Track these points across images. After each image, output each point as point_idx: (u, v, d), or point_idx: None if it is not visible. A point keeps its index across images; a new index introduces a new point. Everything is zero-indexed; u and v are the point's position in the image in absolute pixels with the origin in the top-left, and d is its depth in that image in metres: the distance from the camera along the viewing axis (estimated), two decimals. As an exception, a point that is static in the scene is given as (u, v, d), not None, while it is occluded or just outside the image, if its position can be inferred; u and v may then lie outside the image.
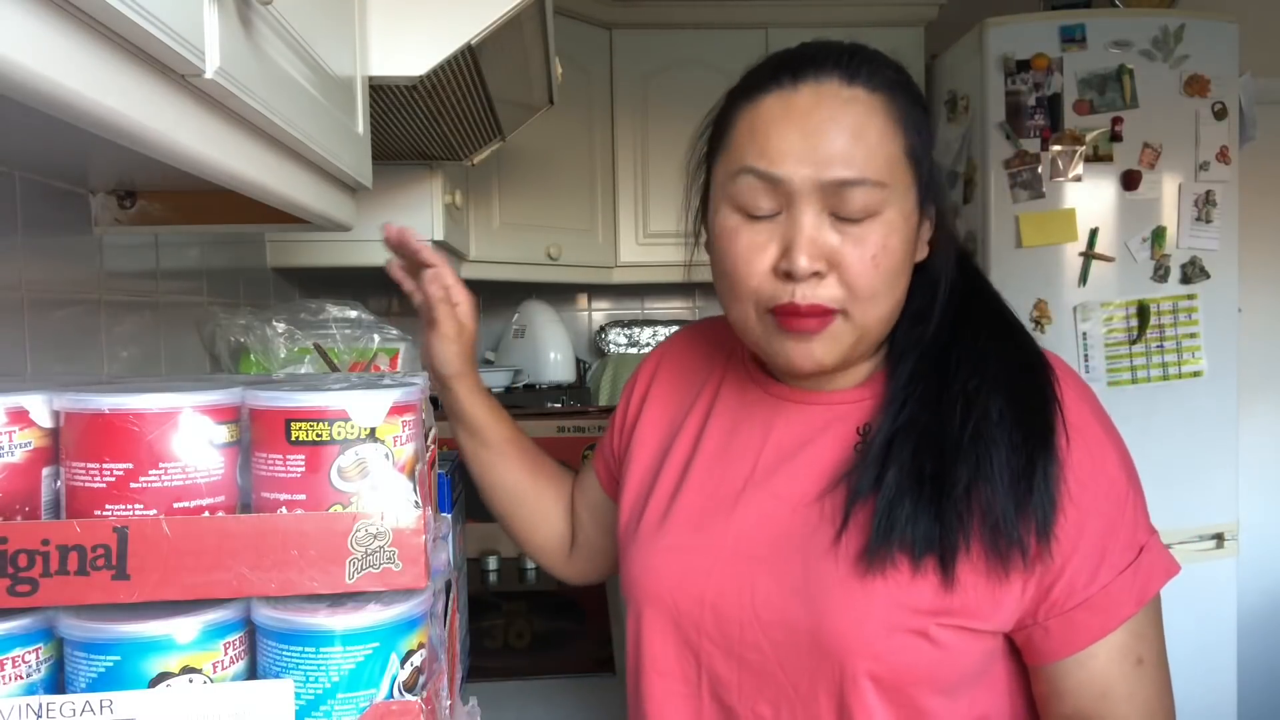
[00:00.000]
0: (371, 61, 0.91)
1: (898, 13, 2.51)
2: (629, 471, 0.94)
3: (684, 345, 1.01)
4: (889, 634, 0.73)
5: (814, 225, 0.74)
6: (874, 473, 0.76)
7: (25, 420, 0.57)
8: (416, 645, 0.60)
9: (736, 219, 0.78)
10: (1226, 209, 2.25)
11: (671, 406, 0.95)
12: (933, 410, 0.77)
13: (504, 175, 2.26)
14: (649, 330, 2.82)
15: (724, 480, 0.86)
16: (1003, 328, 0.83)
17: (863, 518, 0.76)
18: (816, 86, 0.75)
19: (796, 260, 0.73)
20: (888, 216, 0.75)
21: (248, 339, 1.31)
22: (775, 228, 0.76)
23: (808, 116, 0.74)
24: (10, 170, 0.88)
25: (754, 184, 0.75)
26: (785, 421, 0.85)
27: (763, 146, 0.75)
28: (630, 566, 0.88)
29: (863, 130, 0.74)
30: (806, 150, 0.73)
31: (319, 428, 0.58)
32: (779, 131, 0.74)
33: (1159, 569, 0.76)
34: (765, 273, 0.76)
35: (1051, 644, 0.75)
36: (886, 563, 0.73)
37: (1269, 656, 2.86)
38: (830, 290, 0.75)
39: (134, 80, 0.46)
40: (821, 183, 0.73)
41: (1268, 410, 2.90)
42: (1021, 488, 0.72)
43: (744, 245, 0.77)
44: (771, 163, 0.74)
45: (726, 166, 0.78)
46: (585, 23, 2.43)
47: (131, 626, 0.54)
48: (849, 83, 0.75)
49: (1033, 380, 0.78)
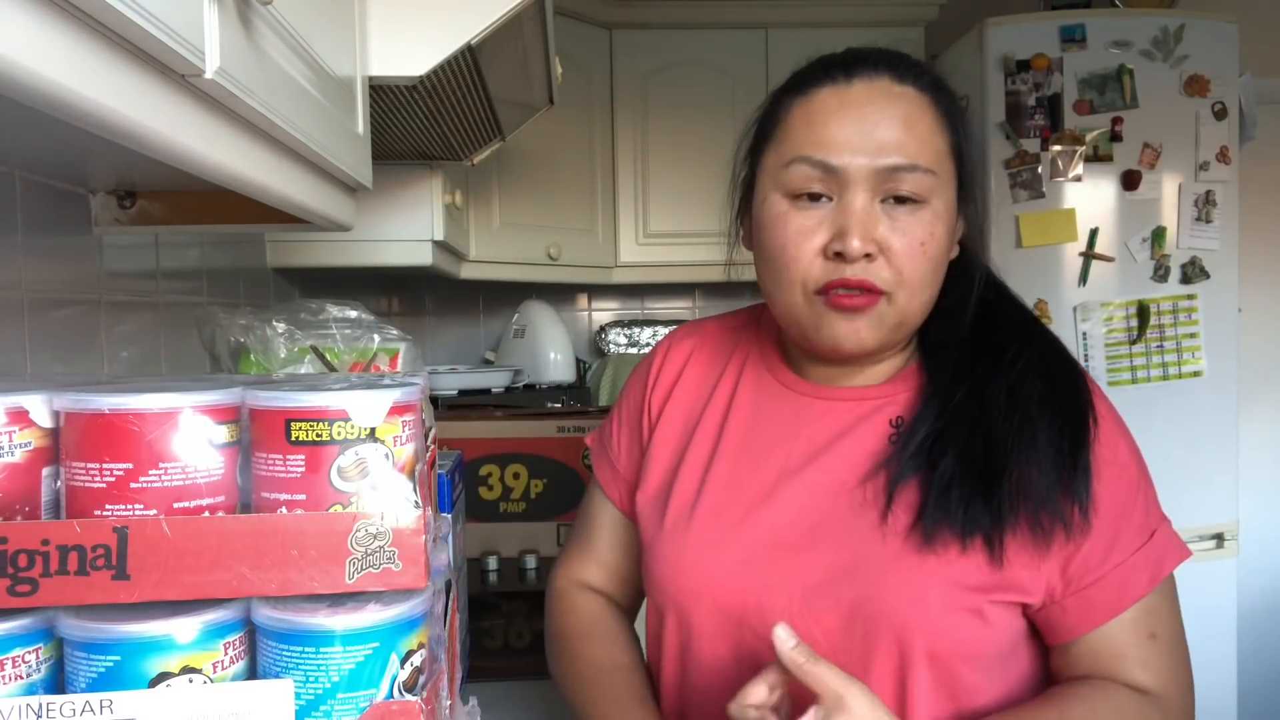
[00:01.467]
0: (371, 61, 0.91)
1: (898, 13, 2.51)
2: (649, 472, 0.94)
3: (703, 341, 0.99)
4: (946, 612, 0.76)
5: (866, 210, 0.77)
6: (920, 460, 0.79)
7: (25, 420, 0.57)
8: (416, 645, 0.60)
9: (786, 204, 0.80)
10: (1226, 209, 2.25)
11: (690, 403, 0.95)
12: (978, 400, 0.80)
13: (504, 175, 2.26)
14: (649, 330, 2.82)
15: (751, 476, 0.86)
16: (1026, 322, 0.86)
17: (907, 500, 0.79)
18: (869, 82, 0.79)
19: (850, 242, 0.76)
20: (934, 206, 0.79)
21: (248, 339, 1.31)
22: (825, 213, 0.79)
23: (862, 107, 0.78)
24: (10, 170, 0.88)
25: (808, 172, 0.78)
26: (815, 416, 0.87)
27: (819, 136, 0.78)
28: (660, 566, 0.88)
29: (915, 121, 0.78)
30: (861, 138, 0.77)
31: (319, 428, 0.58)
32: (836, 121, 0.78)
33: (1171, 551, 0.80)
34: (814, 256, 0.79)
35: (1069, 620, 0.78)
36: (937, 542, 0.76)
37: (1269, 656, 2.86)
38: (880, 272, 0.78)
39: (134, 80, 0.46)
40: (876, 168, 0.77)
41: (1268, 410, 2.91)
42: (1065, 466, 0.76)
43: (794, 229, 0.79)
44: (828, 151, 0.78)
45: (778, 157, 0.81)
46: (585, 23, 2.43)
47: (131, 626, 0.54)
48: (899, 80, 0.79)
49: (1065, 368, 0.82)
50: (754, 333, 0.96)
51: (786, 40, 2.49)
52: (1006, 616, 0.78)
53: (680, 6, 2.48)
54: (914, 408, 0.84)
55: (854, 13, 2.49)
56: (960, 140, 0.82)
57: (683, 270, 2.56)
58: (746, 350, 0.95)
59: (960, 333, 0.84)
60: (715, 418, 0.92)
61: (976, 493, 0.76)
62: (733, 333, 0.98)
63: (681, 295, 2.91)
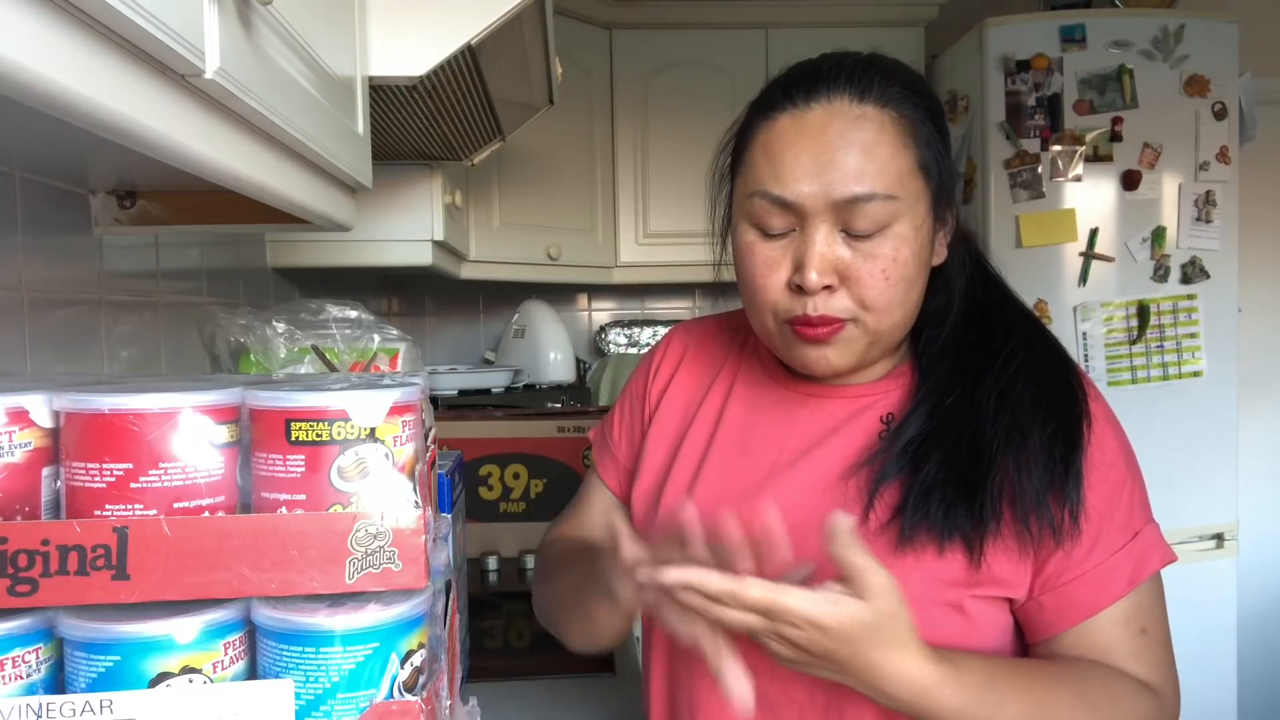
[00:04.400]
0: (371, 61, 0.91)
1: (898, 13, 2.51)
2: (645, 463, 0.95)
3: (701, 338, 1.01)
4: (924, 608, 0.75)
5: (825, 242, 0.78)
6: (905, 460, 0.79)
7: (25, 420, 0.57)
8: (416, 645, 0.60)
9: (753, 235, 0.82)
10: (1226, 209, 2.25)
11: (686, 398, 0.96)
12: (967, 402, 0.80)
13: (504, 175, 2.26)
14: (649, 330, 2.82)
15: (745, 470, 0.87)
16: (1023, 322, 0.86)
17: (888, 499, 0.79)
18: (828, 105, 0.78)
19: (807, 276, 0.77)
20: (898, 229, 0.78)
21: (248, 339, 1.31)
22: (789, 244, 0.80)
23: (818, 136, 0.77)
24: (10, 170, 0.88)
25: (767, 207, 0.79)
26: (809, 413, 0.88)
27: (777, 170, 0.78)
28: None
29: (873, 147, 0.77)
30: (818, 170, 0.77)
31: (319, 428, 0.58)
32: (792, 154, 0.78)
33: (1154, 554, 0.79)
34: (780, 287, 0.81)
35: (1045, 618, 0.79)
36: (915, 543, 0.76)
37: (1269, 656, 2.85)
38: (841, 302, 0.79)
39: (134, 80, 0.46)
40: (833, 200, 0.76)
41: (1268, 410, 2.90)
42: (1056, 470, 0.76)
43: (760, 261, 0.81)
44: (784, 187, 0.78)
45: (744, 187, 0.82)
46: (585, 23, 2.43)
47: (131, 626, 0.54)
48: (859, 100, 0.78)
49: (1059, 370, 0.82)
50: (750, 332, 0.97)
51: (786, 40, 2.49)
52: (989, 611, 0.78)
53: (680, 6, 2.48)
54: (905, 405, 0.84)
55: (854, 13, 2.48)
56: (927, 153, 0.80)
57: (683, 270, 2.56)
58: (743, 349, 0.96)
59: (951, 335, 0.85)
60: (710, 415, 0.93)
61: (959, 497, 0.76)
62: (730, 332, 0.99)
63: (681, 295, 2.91)
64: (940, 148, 0.82)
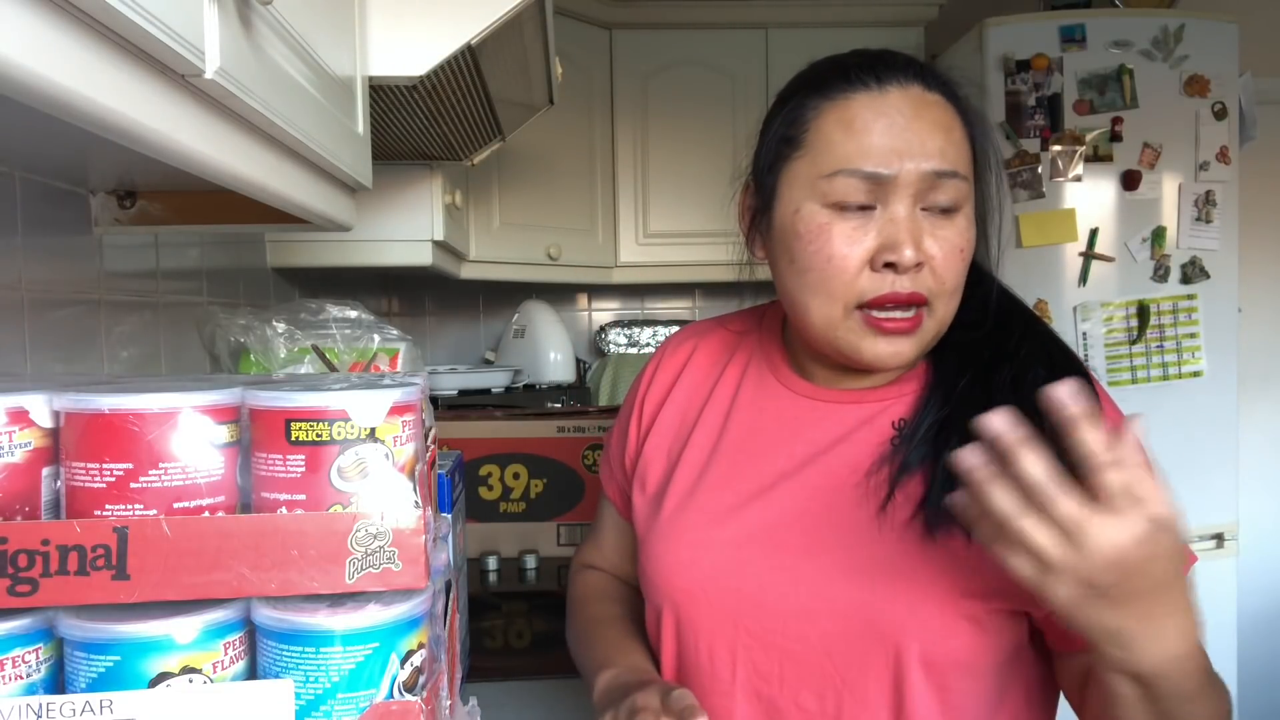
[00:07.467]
0: (371, 61, 0.91)
1: (898, 13, 2.51)
2: (645, 474, 0.94)
3: (700, 345, 0.99)
4: (943, 619, 0.75)
5: (912, 218, 0.77)
6: (925, 449, 0.78)
7: (25, 420, 0.57)
8: (416, 645, 0.60)
9: (827, 215, 0.79)
10: (1226, 209, 2.25)
11: (687, 407, 0.96)
12: (983, 386, 0.79)
13: (504, 175, 2.26)
14: (649, 330, 2.82)
15: (750, 475, 0.86)
16: (1026, 316, 0.87)
17: (909, 493, 0.78)
18: (902, 89, 0.78)
19: (903, 252, 0.76)
20: (966, 211, 0.80)
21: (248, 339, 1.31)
22: (867, 222, 0.78)
23: (902, 113, 0.77)
24: (10, 170, 0.88)
25: (855, 184, 0.77)
26: (818, 419, 0.87)
27: (863, 145, 0.77)
28: (654, 564, 0.88)
29: (949, 129, 0.79)
30: (906, 145, 0.77)
31: (319, 428, 0.58)
32: (879, 129, 0.77)
33: None
34: (861, 267, 0.78)
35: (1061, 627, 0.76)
36: (941, 533, 0.75)
37: (1269, 656, 2.85)
38: (925, 281, 0.78)
39: (134, 80, 0.46)
40: (922, 173, 0.76)
41: (1268, 410, 2.90)
42: None
43: (839, 240, 0.78)
44: (875, 161, 0.77)
45: (816, 167, 0.79)
46: (585, 23, 2.43)
47: (131, 626, 0.54)
48: (929, 88, 0.79)
49: (1064, 359, 0.82)
50: (756, 335, 0.96)
51: (786, 40, 2.49)
52: (1007, 625, 0.77)
53: (680, 6, 2.48)
54: (917, 406, 0.83)
55: (854, 13, 2.48)
56: (985, 149, 0.83)
57: (683, 270, 2.56)
58: (749, 352, 0.95)
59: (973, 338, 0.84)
60: (715, 419, 0.92)
61: None
62: (734, 335, 0.98)
63: (681, 295, 2.91)
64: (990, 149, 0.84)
